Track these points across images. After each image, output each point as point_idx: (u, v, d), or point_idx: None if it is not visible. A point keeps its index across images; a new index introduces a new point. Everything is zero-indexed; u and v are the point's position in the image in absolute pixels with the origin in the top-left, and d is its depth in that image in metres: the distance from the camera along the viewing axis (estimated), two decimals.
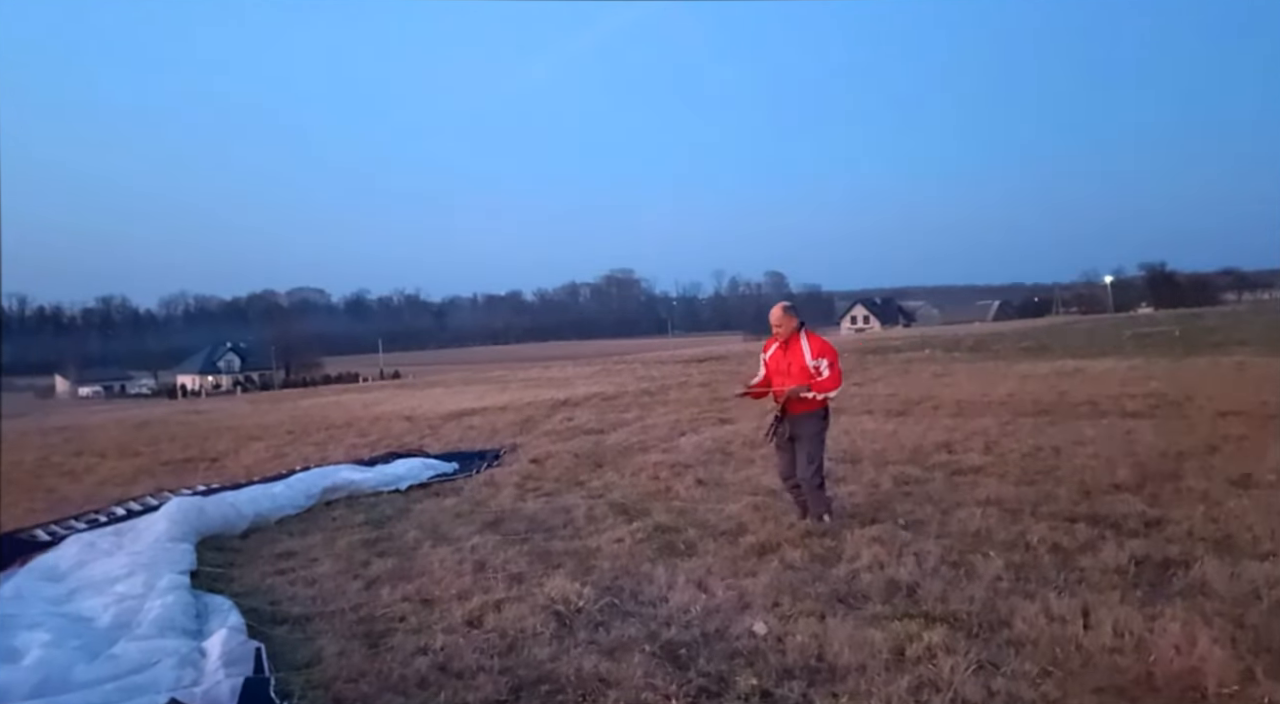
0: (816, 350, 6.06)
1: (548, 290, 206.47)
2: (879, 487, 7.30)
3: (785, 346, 6.17)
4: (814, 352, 6.05)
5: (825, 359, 6.01)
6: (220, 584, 5.37)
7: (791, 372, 6.08)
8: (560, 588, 4.80)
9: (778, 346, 6.22)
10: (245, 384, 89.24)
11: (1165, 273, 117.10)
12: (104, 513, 7.07)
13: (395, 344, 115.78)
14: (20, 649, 3.96)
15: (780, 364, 6.17)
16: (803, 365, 6.04)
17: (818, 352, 6.05)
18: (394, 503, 7.82)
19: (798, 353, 6.09)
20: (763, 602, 4.51)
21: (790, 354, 6.12)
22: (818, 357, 6.02)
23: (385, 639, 4.35)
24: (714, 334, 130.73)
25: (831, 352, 6.08)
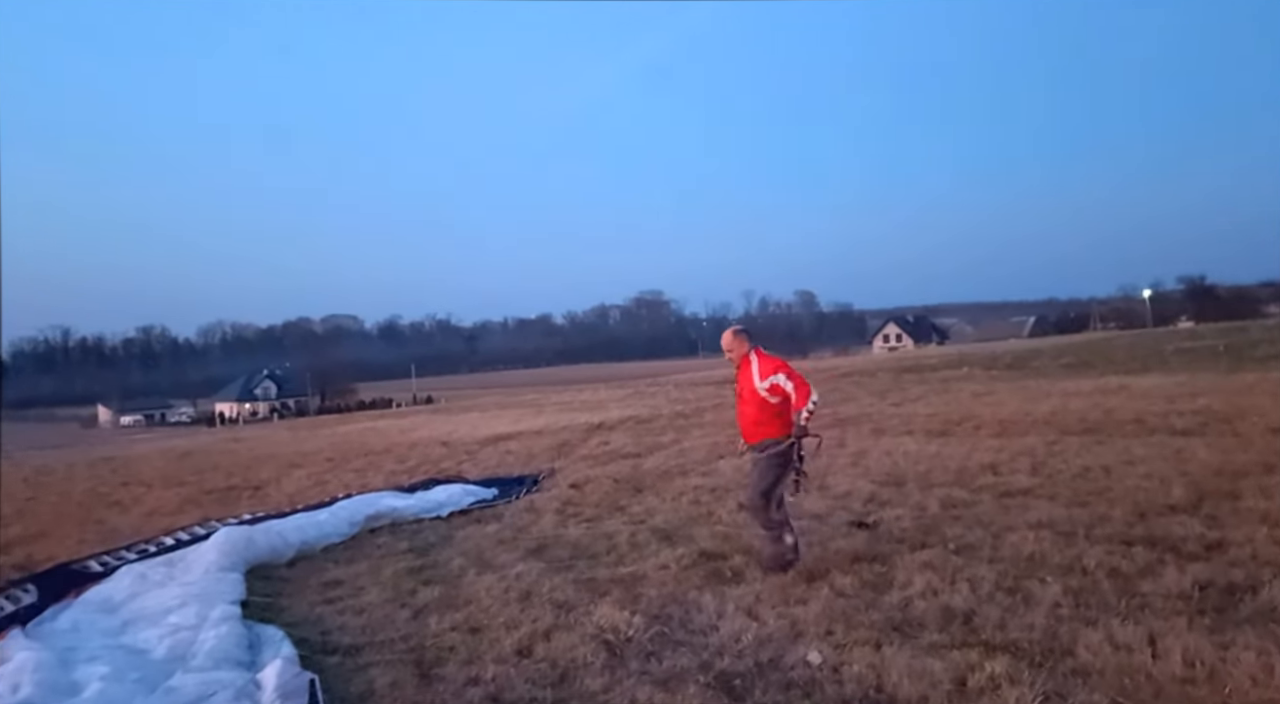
0: (765, 370, 5.59)
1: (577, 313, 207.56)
2: (926, 509, 7.19)
3: (739, 373, 5.79)
4: (763, 372, 5.58)
5: (779, 374, 5.52)
6: (270, 614, 5.40)
7: (743, 398, 5.71)
8: (609, 616, 4.77)
9: (737, 374, 5.84)
10: (282, 411, 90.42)
11: (1205, 285, 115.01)
12: (154, 543, 7.14)
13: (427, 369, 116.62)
14: (80, 683, 3.99)
15: (738, 391, 5.80)
16: (751, 388, 5.62)
17: (765, 371, 5.58)
18: (436, 530, 7.84)
19: (747, 376, 5.67)
20: (815, 630, 4.44)
21: (743, 379, 5.72)
22: (766, 376, 5.55)
23: (436, 669, 4.34)
24: None
25: (784, 366, 5.59)
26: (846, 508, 7.48)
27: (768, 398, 5.57)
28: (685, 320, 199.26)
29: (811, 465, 9.61)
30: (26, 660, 4.17)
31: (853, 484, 8.48)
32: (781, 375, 5.52)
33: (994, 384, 21.45)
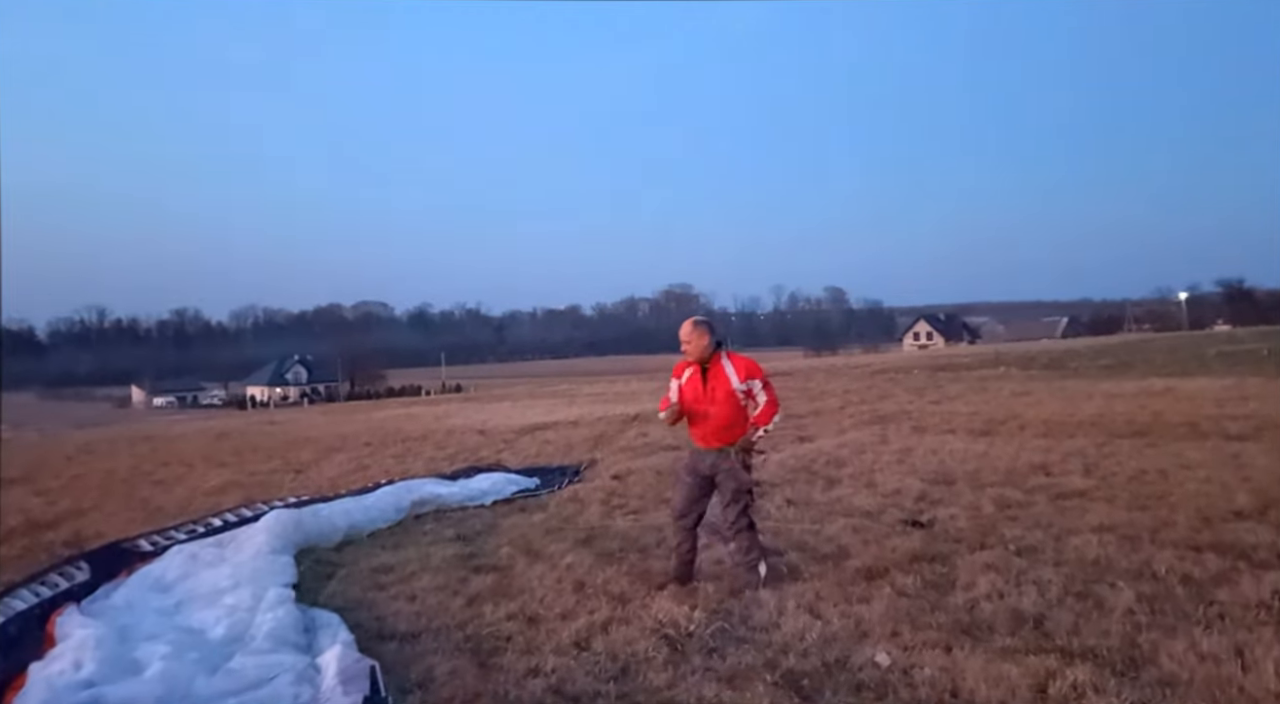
0: (745, 371, 5.21)
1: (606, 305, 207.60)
2: (980, 509, 7.04)
3: (704, 371, 5.28)
4: (741, 373, 5.19)
5: (757, 381, 5.19)
6: (323, 598, 5.38)
7: (716, 399, 5.19)
8: (667, 610, 4.69)
9: (692, 372, 5.32)
10: (312, 396, 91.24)
11: (1243, 289, 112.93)
12: (202, 523, 7.17)
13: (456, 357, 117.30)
14: (142, 661, 3.98)
15: (698, 392, 5.27)
16: (729, 390, 5.17)
17: (745, 373, 5.20)
18: (482, 517, 7.80)
19: (721, 377, 5.19)
20: (881, 630, 4.33)
21: (713, 379, 5.22)
22: (747, 378, 5.18)
23: (494, 658, 4.29)
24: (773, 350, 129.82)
25: (761, 371, 5.28)
26: (898, 506, 7.35)
27: (741, 399, 5.22)
28: (714, 314, 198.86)
29: (857, 464, 9.63)
30: (87, 638, 4.17)
31: (901, 482, 8.34)
32: (759, 381, 5.21)
33: (1032, 384, 21.14)
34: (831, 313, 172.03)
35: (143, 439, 17.76)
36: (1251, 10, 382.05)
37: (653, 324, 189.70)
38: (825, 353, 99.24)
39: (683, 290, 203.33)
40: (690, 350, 5.26)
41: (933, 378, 24.98)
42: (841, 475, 8.98)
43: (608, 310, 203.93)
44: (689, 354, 5.28)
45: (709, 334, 5.26)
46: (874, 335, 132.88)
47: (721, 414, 5.24)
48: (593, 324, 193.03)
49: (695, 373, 5.30)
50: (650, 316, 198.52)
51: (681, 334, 5.28)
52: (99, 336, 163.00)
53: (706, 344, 5.24)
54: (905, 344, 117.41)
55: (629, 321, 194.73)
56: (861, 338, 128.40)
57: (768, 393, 5.23)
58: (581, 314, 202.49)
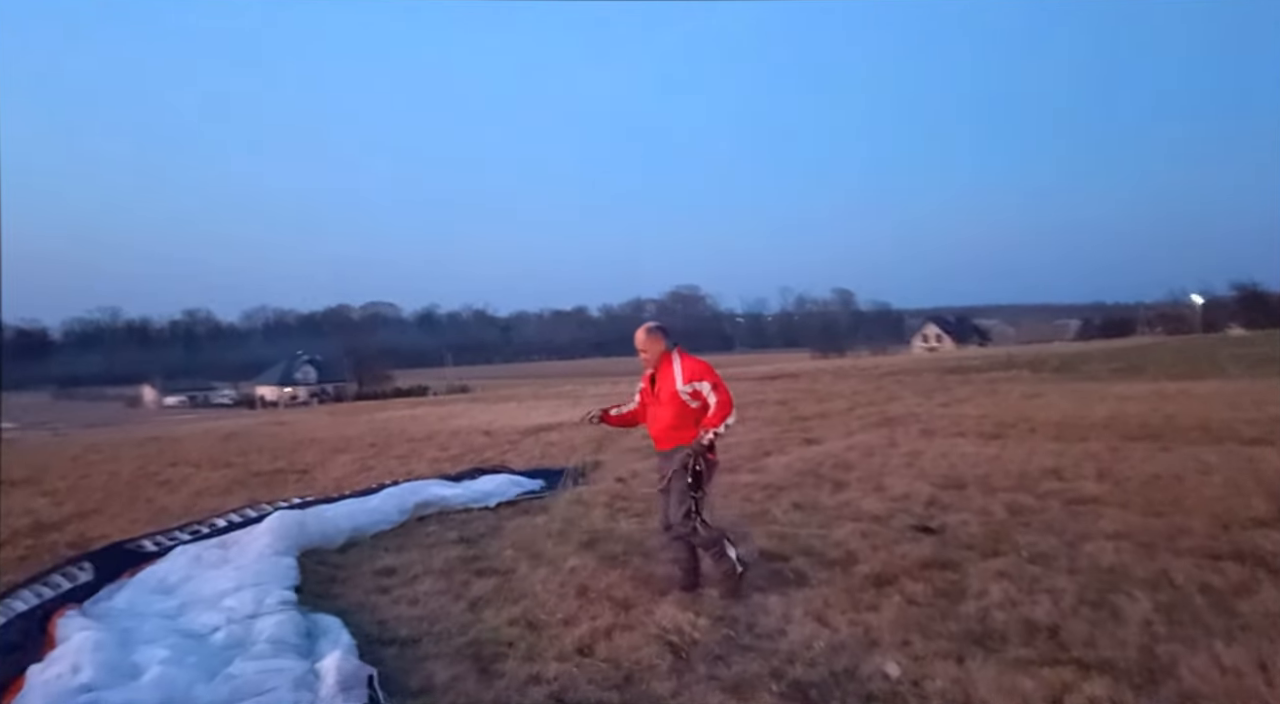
0: (690, 373, 5.14)
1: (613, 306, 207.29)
2: (992, 515, 6.94)
3: (656, 373, 5.29)
4: (686, 375, 5.13)
5: (705, 382, 5.09)
6: (325, 601, 5.31)
7: (662, 400, 5.20)
8: (671, 616, 4.61)
9: (647, 375, 5.37)
10: (321, 395, 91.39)
11: (1257, 292, 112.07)
12: (206, 524, 7.12)
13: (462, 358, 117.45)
14: (140, 665, 3.91)
15: (649, 395, 5.34)
16: (672, 391, 5.14)
17: (690, 375, 5.13)
18: (485, 520, 7.73)
19: (667, 378, 5.19)
20: (890, 639, 4.25)
21: (661, 380, 5.23)
22: (690, 380, 5.11)
23: (496, 665, 4.21)
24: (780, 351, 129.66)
25: (711, 373, 5.16)
26: (907, 510, 7.25)
27: (688, 401, 5.15)
28: (721, 315, 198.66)
29: (865, 467, 9.53)
30: (86, 640, 4.10)
31: (910, 486, 8.24)
32: (707, 383, 5.10)
33: (1043, 386, 21.00)
34: (839, 314, 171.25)
35: (150, 440, 17.77)
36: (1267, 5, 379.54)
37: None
38: (833, 355, 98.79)
39: (689, 291, 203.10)
40: (648, 358, 5.28)
41: (942, 380, 24.83)
42: (849, 479, 8.88)
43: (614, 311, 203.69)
44: (647, 362, 5.31)
45: (663, 339, 5.27)
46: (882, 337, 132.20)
47: (665, 415, 5.23)
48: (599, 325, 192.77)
49: (656, 375, 5.31)
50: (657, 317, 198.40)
51: (637, 343, 5.31)
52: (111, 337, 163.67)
53: (661, 349, 5.26)
54: (914, 346, 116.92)
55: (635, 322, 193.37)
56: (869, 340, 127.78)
57: (718, 395, 5.10)
58: (588, 315, 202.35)
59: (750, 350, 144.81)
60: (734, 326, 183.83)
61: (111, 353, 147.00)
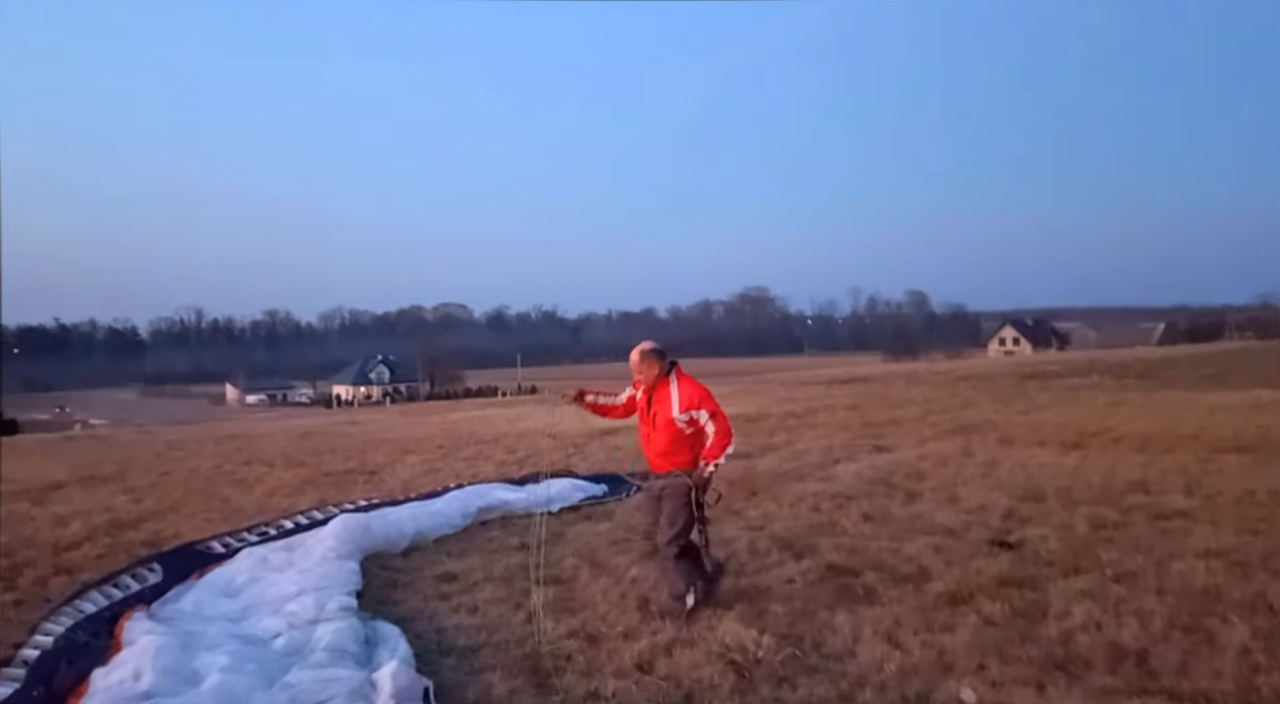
0: (686, 400, 4.97)
1: (681, 307, 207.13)
2: (1073, 529, 6.62)
3: (651, 394, 5.14)
4: (683, 402, 4.96)
5: (703, 411, 4.95)
6: (385, 607, 5.31)
7: (657, 425, 5.06)
8: (734, 633, 4.46)
9: (643, 393, 5.22)
10: (393, 395, 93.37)
11: None
12: (274, 526, 7.22)
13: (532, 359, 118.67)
14: (200, 672, 3.94)
15: (644, 414, 5.20)
16: (668, 419, 4.98)
17: (687, 402, 4.96)
18: (547, 525, 7.64)
19: (664, 403, 5.03)
20: (966, 663, 4.04)
21: (657, 404, 5.08)
22: (687, 409, 4.95)
23: (552, 679, 4.13)
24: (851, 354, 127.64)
25: (709, 400, 5.00)
26: (983, 523, 6.98)
27: (683, 429, 5.03)
28: (790, 318, 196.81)
29: (939, 477, 9.22)
30: (149, 645, 4.14)
31: (986, 497, 7.93)
32: (705, 412, 4.97)
33: (1127, 394, 20.18)
34: (912, 317, 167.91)
35: (229, 438, 18.24)
36: None
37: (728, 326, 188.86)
38: (905, 358, 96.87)
39: (758, 293, 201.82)
40: (643, 379, 5.18)
41: (1020, 386, 24.07)
42: (922, 489, 8.60)
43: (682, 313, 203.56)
44: (641, 382, 5.21)
45: (658, 363, 5.14)
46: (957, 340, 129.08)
47: (661, 440, 5.11)
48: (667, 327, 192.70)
49: (644, 394, 5.21)
50: (725, 319, 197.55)
51: (632, 365, 5.20)
52: (196, 336, 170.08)
53: (656, 373, 5.13)
54: (990, 350, 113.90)
55: (704, 324, 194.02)
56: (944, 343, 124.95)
57: (716, 424, 4.97)
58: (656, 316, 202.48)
59: (820, 353, 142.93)
60: (803, 329, 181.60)
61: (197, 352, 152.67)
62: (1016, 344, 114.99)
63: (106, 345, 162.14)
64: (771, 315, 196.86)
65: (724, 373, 66.09)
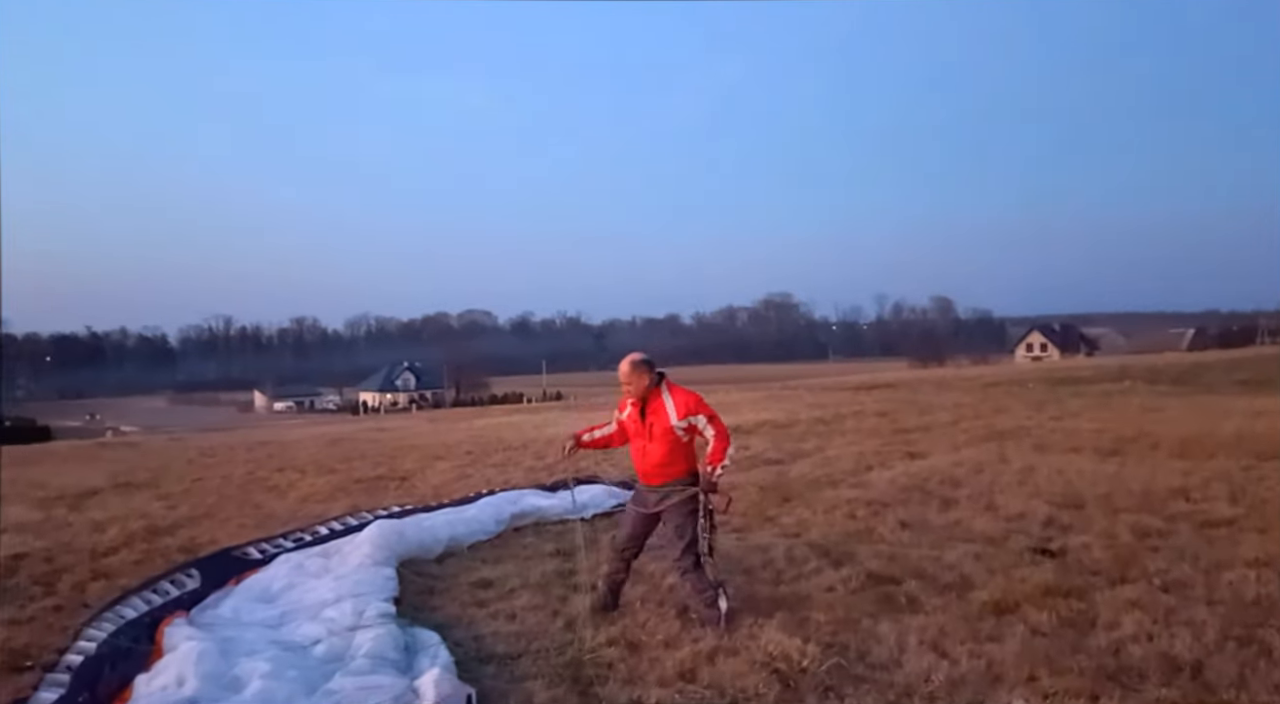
0: (683, 407, 5.01)
1: (705, 314, 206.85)
2: (1116, 538, 6.49)
3: (643, 406, 5.12)
4: (680, 410, 5.01)
5: (700, 416, 5.00)
6: (423, 614, 5.30)
7: (654, 435, 5.05)
8: (777, 642, 4.40)
9: (633, 406, 5.18)
10: (420, 402, 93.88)
11: None
12: (309, 532, 7.24)
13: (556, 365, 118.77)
14: (242, 678, 3.94)
15: (636, 427, 5.16)
16: (666, 427, 5.00)
17: (684, 409, 5.01)
18: (581, 532, 7.64)
19: (660, 413, 5.05)
20: (1016, 674, 3.96)
21: (652, 415, 5.07)
22: (685, 415, 4.99)
23: (595, 688, 4.09)
24: (876, 360, 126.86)
25: (704, 405, 5.07)
26: (1023, 531, 6.86)
27: (681, 436, 5.05)
28: (815, 323, 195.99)
29: (975, 483, 9.10)
30: (191, 651, 4.16)
31: (1025, 505, 7.81)
32: (702, 417, 5.02)
33: (1162, 399, 19.86)
34: (937, 322, 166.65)
35: (260, 444, 18.43)
36: None
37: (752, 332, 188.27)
38: (931, 364, 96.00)
39: (782, 299, 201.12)
40: (632, 390, 5.15)
41: (1052, 391, 23.78)
42: (958, 496, 8.49)
43: (706, 319, 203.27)
44: (630, 394, 5.17)
45: (648, 373, 5.12)
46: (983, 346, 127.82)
47: (659, 451, 5.09)
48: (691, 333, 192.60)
49: (636, 407, 5.17)
50: (749, 325, 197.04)
51: (621, 376, 5.17)
52: (225, 344, 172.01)
53: (646, 384, 5.11)
54: (1017, 355, 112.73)
55: (728, 330, 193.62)
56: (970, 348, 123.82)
57: (715, 427, 5.02)
58: (680, 323, 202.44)
59: (845, 359, 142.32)
60: (828, 335, 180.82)
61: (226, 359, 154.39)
62: (1044, 350, 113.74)
63: (137, 353, 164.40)
64: (796, 321, 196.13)
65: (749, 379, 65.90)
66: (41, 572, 6.58)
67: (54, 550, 7.30)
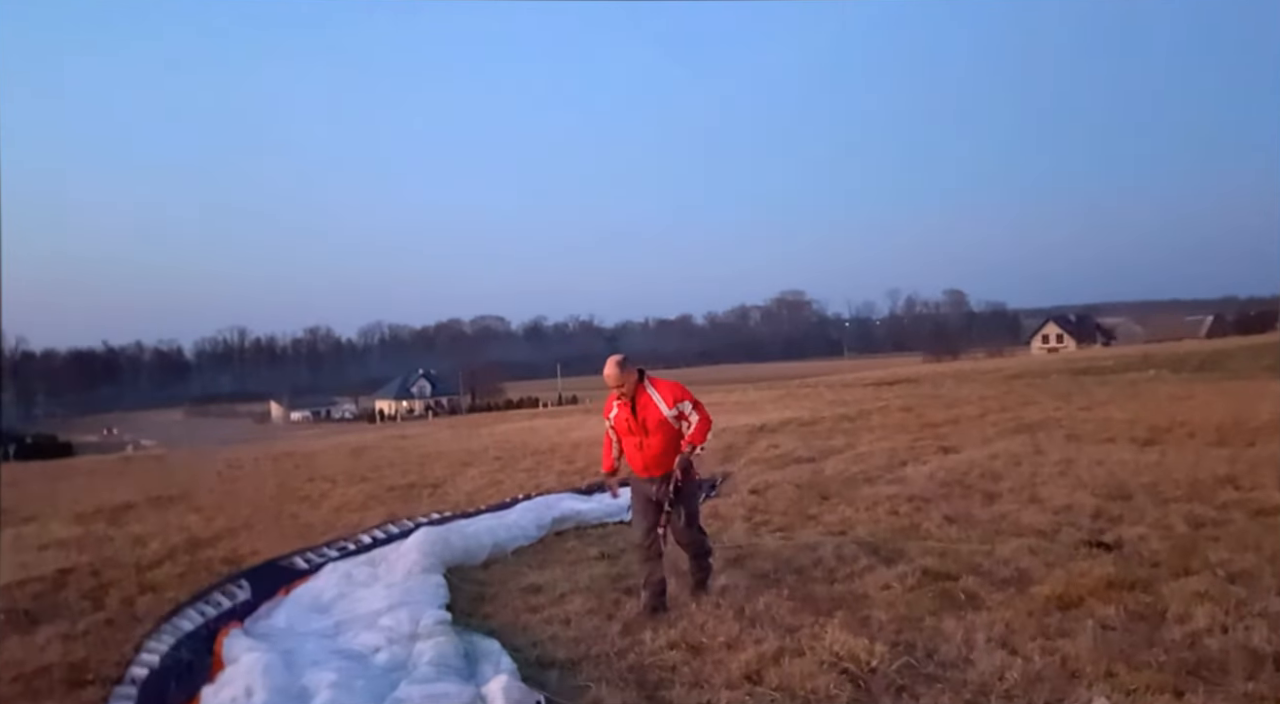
0: (670, 396, 5.26)
1: (717, 313, 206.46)
2: (1171, 528, 6.41)
3: (631, 403, 5.30)
4: (668, 399, 5.25)
5: (687, 402, 5.27)
6: (476, 620, 5.26)
7: (648, 428, 5.26)
8: (843, 641, 4.32)
9: (621, 406, 5.37)
10: (436, 409, 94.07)
11: None
12: (352, 541, 7.22)
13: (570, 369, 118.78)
14: (309, 689, 3.91)
15: (630, 424, 5.32)
16: (660, 418, 5.23)
17: (672, 398, 5.25)
18: (623, 535, 7.57)
19: (650, 407, 5.26)
20: (1093, 670, 3.87)
21: (642, 410, 5.27)
22: (674, 403, 5.24)
23: (661, 691, 4.04)
24: (889, 356, 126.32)
25: (687, 392, 5.32)
26: (1073, 523, 6.78)
27: (674, 424, 5.27)
28: (828, 321, 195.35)
29: (1015, 476, 9.01)
30: (255, 662, 4.13)
31: (1070, 497, 7.73)
32: (688, 402, 5.28)
33: (1190, 386, 19.70)
34: (951, 316, 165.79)
35: (284, 455, 18.48)
36: None
37: (765, 331, 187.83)
38: (945, 358, 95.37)
39: (795, 296, 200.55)
40: (625, 390, 5.31)
41: (1076, 382, 23.59)
42: (1000, 489, 8.40)
43: (719, 319, 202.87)
44: (622, 392, 5.33)
45: (633, 371, 5.33)
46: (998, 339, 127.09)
47: (655, 442, 5.29)
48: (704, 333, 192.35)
49: (624, 406, 5.35)
50: (762, 324, 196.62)
51: (610, 380, 5.32)
52: (240, 356, 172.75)
53: (634, 380, 5.32)
54: (1033, 347, 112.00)
55: (741, 329, 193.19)
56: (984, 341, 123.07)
57: (699, 412, 5.29)
58: (693, 323, 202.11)
59: (858, 355, 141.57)
60: (841, 331, 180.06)
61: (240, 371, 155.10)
62: (1060, 341, 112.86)
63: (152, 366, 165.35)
64: (808, 319, 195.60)
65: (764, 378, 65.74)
66: (89, 587, 6.59)
67: (99, 565, 7.32)
